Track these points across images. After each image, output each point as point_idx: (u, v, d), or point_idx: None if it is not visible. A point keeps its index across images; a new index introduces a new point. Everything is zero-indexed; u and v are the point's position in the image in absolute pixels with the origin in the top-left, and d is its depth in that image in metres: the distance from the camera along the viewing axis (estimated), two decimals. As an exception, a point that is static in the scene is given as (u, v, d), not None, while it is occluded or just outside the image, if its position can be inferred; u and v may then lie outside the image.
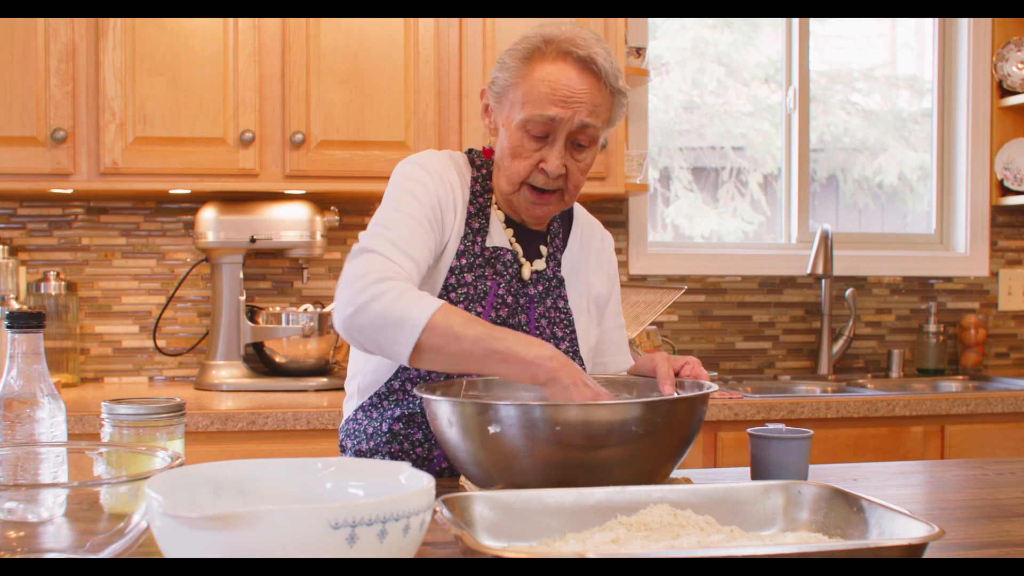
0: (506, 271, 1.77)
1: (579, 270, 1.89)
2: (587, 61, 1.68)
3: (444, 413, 1.48)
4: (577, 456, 1.41)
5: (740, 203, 3.83)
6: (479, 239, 1.76)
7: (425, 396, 1.53)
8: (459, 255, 1.74)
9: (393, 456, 1.73)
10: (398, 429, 1.73)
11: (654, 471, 1.47)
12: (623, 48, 3.16)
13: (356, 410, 1.80)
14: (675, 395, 1.62)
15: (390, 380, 1.75)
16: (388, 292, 1.55)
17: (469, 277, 1.74)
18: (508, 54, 1.73)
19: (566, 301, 1.83)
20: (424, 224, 1.69)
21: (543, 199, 1.74)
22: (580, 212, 1.95)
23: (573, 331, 1.82)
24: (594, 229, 1.96)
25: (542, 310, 1.79)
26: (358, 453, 1.77)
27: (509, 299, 1.75)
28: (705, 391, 1.55)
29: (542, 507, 1.25)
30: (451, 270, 1.73)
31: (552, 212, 1.78)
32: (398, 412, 1.73)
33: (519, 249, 1.80)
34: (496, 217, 1.80)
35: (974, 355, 3.73)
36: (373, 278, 1.57)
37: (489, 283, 1.74)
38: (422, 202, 1.70)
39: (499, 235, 1.79)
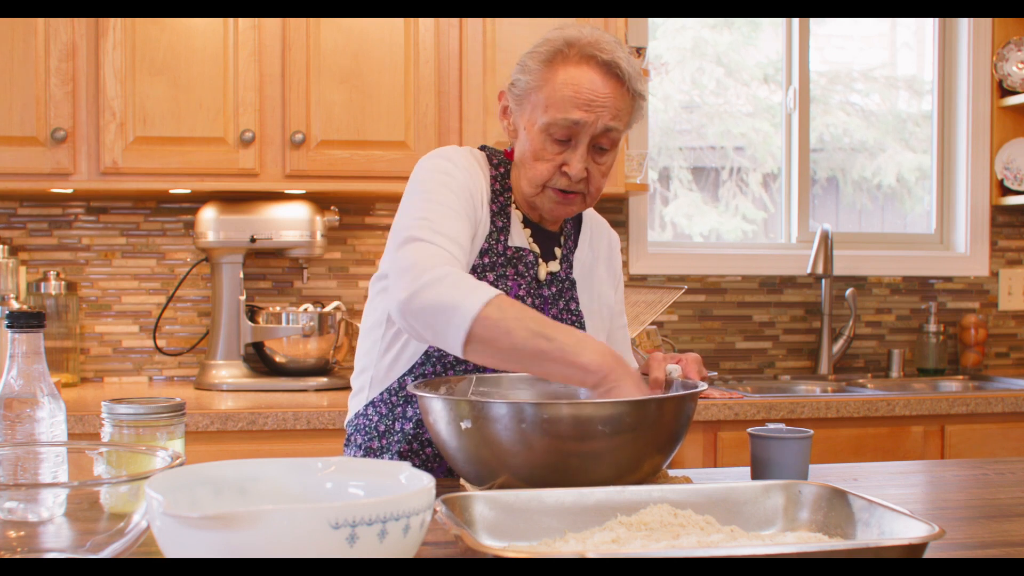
0: (527, 272, 1.75)
1: (590, 271, 1.88)
2: (611, 65, 1.66)
3: (435, 410, 1.47)
4: (564, 447, 1.38)
5: (742, 200, 3.83)
6: (502, 238, 1.74)
7: (419, 394, 1.50)
8: (482, 254, 1.72)
9: (403, 456, 1.72)
10: (409, 429, 1.72)
11: (630, 469, 1.44)
12: (623, 48, 3.16)
13: (367, 405, 1.78)
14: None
15: (403, 375, 1.73)
16: (445, 278, 1.52)
17: (491, 276, 1.71)
18: (529, 56, 1.71)
19: (578, 303, 1.82)
20: (461, 214, 1.66)
21: (567, 199, 1.72)
22: (588, 211, 1.94)
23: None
24: (602, 229, 1.95)
25: (555, 312, 1.78)
26: (368, 450, 1.76)
27: (528, 300, 1.73)
28: (673, 393, 1.51)
29: (542, 507, 1.25)
30: (473, 268, 1.71)
31: (574, 212, 1.77)
32: (410, 412, 1.72)
33: (538, 250, 1.78)
34: (515, 217, 1.78)
35: (974, 355, 3.73)
36: (428, 264, 1.54)
37: (510, 283, 1.72)
38: (456, 193, 1.67)
39: (519, 235, 1.77)
